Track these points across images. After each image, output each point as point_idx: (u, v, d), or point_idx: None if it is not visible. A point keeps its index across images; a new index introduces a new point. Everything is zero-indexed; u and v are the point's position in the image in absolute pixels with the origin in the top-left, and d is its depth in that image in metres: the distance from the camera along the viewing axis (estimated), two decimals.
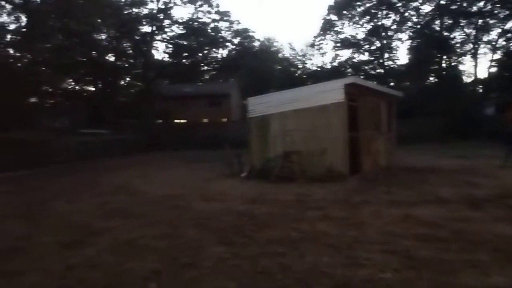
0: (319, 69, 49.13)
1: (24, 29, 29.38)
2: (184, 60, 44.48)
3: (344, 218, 6.60)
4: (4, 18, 29.87)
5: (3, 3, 27.00)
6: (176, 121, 39.06)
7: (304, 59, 53.35)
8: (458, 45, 38.50)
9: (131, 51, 40.58)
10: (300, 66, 53.58)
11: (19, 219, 7.32)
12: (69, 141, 21.86)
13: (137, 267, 4.55)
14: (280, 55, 57.14)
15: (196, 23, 41.39)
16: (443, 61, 38.89)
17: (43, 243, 5.70)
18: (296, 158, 11.56)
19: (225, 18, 42.43)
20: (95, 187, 11.55)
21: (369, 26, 42.62)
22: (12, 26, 30.06)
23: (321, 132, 11.45)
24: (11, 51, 29.17)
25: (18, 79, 26.10)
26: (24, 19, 29.77)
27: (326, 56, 71.81)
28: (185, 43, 42.72)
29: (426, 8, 39.11)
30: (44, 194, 10.44)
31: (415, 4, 39.05)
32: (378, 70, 43.77)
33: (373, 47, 43.31)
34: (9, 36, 29.47)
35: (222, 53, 46.11)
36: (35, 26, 27.62)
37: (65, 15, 28.06)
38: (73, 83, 38.66)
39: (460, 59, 39.61)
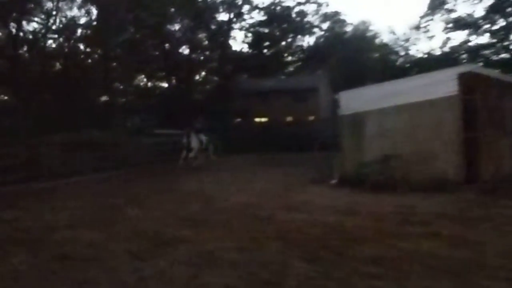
0: (426, 56, 47.19)
1: (95, 23, 31.62)
2: (265, 51, 45.15)
3: (456, 236, 6.30)
4: (75, 12, 32.29)
5: None
6: (256, 119, 39.73)
7: (407, 44, 51.52)
8: None
9: (206, 43, 42.01)
10: (402, 54, 51.87)
11: (91, 226, 7.92)
12: (141, 142, 23.18)
13: (212, 282, 4.72)
14: (377, 41, 55.78)
15: (278, 8, 41.85)
16: None
17: (114, 251, 6.12)
18: (396, 162, 11.23)
19: (312, 1, 42.41)
20: (167, 192, 12.17)
21: (490, 1, 39.99)
22: (82, 20, 32.01)
23: (429, 132, 11.04)
24: (82, 47, 31.57)
25: (89, 76, 28.27)
26: (95, 12, 31.81)
27: (434, 40, 68.86)
28: (266, 31, 43.34)
29: None
30: (115, 199, 11.17)
31: None
32: (502, 56, 40.87)
33: (495, 27, 40.50)
34: (79, 31, 31.45)
35: (309, 41, 46.12)
36: (106, 19, 29.62)
37: (137, 5, 29.77)
38: (145, 79, 40.91)
39: None
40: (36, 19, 27.84)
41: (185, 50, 40.86)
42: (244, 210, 9.01)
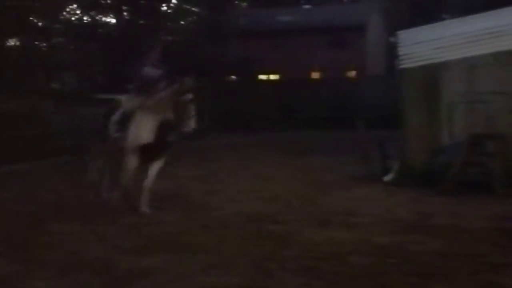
0: None
1: None
2: None
3: None
4: None
5: None
6: (262, 77, 39.51)
7: None
8: None
9: None
10: None
11: (1, 251, 7.91)
12: (75, 114, 23.05)
13: None
14: None
15: None
16: None
17: None
18: (495, 147, 11.24)
19: None
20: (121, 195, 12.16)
21: None
22: None
23: None
24: None
25: None
26: None
27: None
28: None
29: None
30: (35, 208, 11.11)
31: None
32: None
33: None
34: None
35: None
36: None
37: None
38: (79, 12, 40.19)
39: None
40: None
41: None
42: (248, 223, 9.07)
